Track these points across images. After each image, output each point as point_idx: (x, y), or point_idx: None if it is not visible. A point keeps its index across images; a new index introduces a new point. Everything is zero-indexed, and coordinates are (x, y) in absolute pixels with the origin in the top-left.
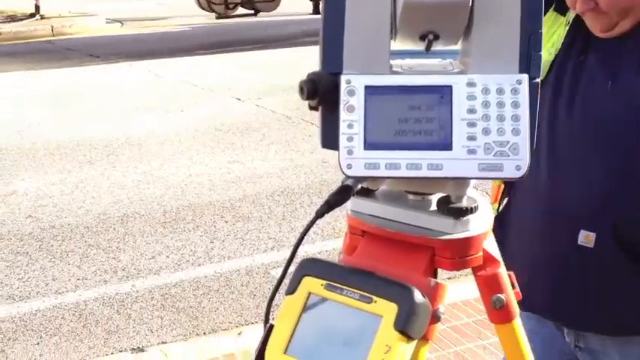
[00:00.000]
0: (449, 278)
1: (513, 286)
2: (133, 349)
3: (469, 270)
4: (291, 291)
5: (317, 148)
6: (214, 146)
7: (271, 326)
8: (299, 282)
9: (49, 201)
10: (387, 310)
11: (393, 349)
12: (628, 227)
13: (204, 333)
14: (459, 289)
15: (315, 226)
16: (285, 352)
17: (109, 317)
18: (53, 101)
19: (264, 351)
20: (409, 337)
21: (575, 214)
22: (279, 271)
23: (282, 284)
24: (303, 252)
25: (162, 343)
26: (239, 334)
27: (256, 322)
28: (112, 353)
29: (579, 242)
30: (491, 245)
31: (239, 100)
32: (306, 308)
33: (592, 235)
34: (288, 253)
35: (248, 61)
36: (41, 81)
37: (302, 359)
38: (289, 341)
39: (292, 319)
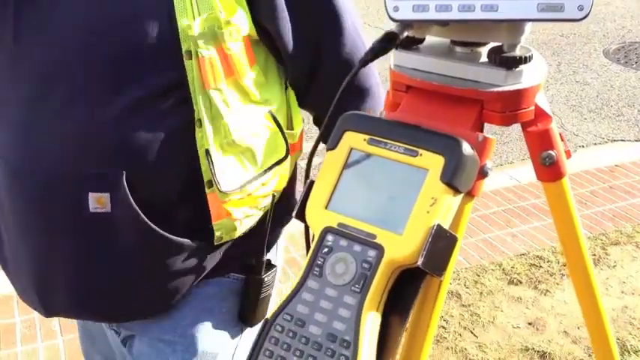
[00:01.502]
0: None
1: (564, 143)
2: None
3: (498, 161)
4: (332, 146)
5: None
6: None
7: (312, 182)
8: (340, 137)
9: None
10: (433, 162)
11: (438, 202)
12: (140, 178)
13: None
14: (488, 179)
15: None
16: (326, 208)
17: None
18: None
19: (304, 208)
20: (456, 190)
21: (74, 173)
22: (309, 145)
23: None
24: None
25: None
26: None
27: None
28: None
29: (92, 209)
30: (542, 100)
31: None
32: (347, 164)
33: (106, 197)
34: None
35: None
36: None
37: (344, 214)
38: (330, 197)
39: (333, 175)
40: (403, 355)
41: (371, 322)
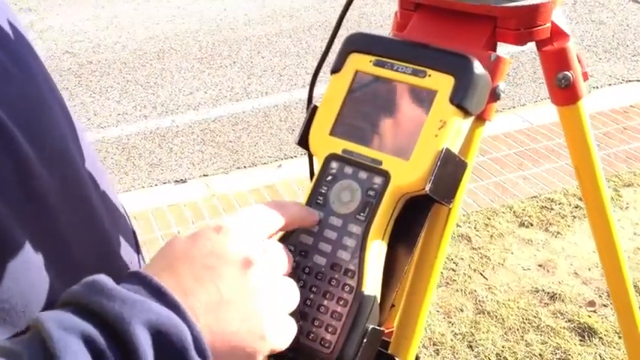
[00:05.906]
0: None
1: (581, 65)
2: (176, 181)
3: (510, 103)
4: (336, 69)
5: None
6: None
7: (315, 108)
8: (345, 59)
9: (85, 37)
10: (442, 83)
11: (447, 125)
12: None
13: (245, 167)
14: (500, 122)
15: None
16: (330, 134)
17: (151, 151)
18: None
19: (307, 134)
20: (466, 112)
21: None
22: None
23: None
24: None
25: (204, 175)
26: (279, 166)
27: (295, 157)
28: (155, 185)
29: None
30: (560, 17)
31: None
32: (352, 87)
33: None
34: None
35: None
36: None
37: (348, 140)
38: (335, 122)
39: (338, 100)
40: (409, 287)
41: (376, 251)
